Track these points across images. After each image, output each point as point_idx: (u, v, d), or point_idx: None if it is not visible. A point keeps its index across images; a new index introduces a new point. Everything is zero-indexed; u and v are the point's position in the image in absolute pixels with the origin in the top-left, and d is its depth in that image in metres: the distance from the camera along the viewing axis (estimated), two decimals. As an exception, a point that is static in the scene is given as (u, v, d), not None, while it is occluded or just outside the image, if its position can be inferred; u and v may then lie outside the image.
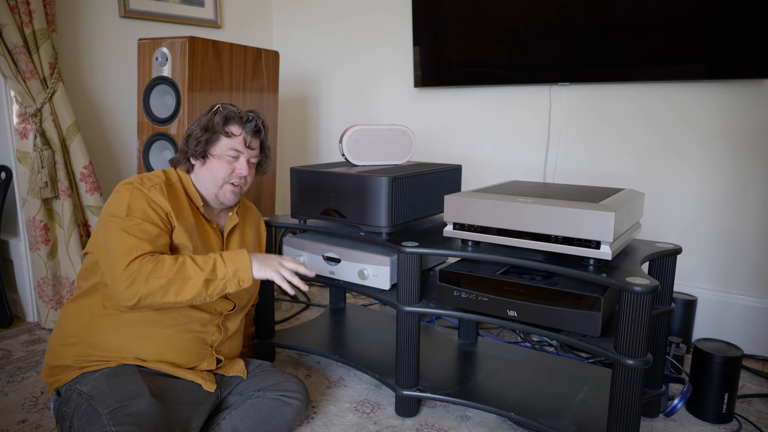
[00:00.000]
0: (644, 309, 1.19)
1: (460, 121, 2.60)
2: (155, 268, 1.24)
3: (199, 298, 1.27)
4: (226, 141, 1.42)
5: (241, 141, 1.43)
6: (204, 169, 1.44)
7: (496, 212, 1.40)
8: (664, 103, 2.10)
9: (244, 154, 1.45)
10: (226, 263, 1.29)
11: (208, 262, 1.29)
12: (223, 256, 1.31)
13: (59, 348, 1.36)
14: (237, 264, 1.30)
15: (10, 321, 2.22)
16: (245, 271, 1.30)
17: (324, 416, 1.60)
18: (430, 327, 2.09)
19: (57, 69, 2.09)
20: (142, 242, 1.26)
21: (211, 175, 1.43)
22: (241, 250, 1.34)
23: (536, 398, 1.54)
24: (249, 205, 1.70)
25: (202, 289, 1.26)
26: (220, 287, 1.28)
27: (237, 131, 1.43)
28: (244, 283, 1.30)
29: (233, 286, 1.29)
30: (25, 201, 2.11)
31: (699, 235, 2.10)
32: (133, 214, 1.29)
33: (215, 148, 1.42)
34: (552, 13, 2.19)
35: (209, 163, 1.43)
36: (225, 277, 1.28)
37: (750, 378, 1.85)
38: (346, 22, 2.90)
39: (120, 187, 1.35)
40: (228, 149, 1.42)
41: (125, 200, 1.31)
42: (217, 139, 1.42)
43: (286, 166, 3.22)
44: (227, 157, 1.43)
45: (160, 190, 1.36)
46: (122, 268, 1.23)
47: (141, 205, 1.31)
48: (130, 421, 1.16)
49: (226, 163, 1.43)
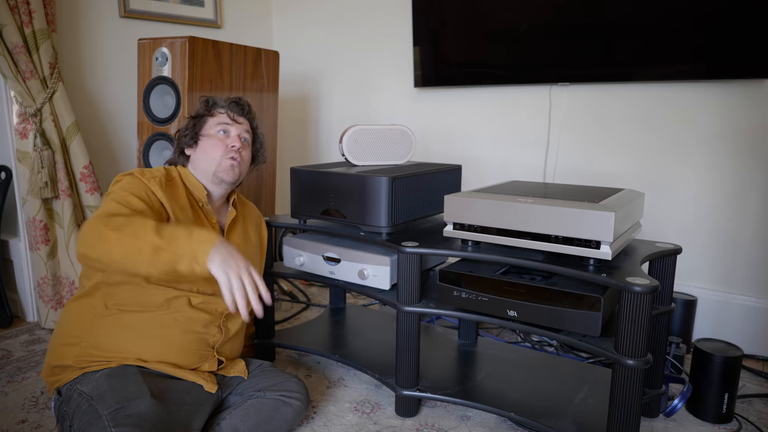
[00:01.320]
0: (644, 309, 1.19)
1: (460, 121, 2.61)
2: (113, 220, 1.16)
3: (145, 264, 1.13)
4: (212, 120, 1.49)
5: (225, 117, 1.49)
6: (198, 152, 1.48)
7: (496, 212, 1.40)
8: (663, 103, 2.10)
9: (233, 128, 1.49)
10: (192, 238, 1.15)
11: (174, 231, 1.16)
12: (194, 231, 1.17)
13: (60, 348, 1.36)
14: (203, 245, 1.14)
15: (10, 321, 2.22)
16: (204, 256, 1.13)
17: (324, 416, 1.60)
18: (430, 327, 2.09)
19: (57, 69, 2.09)
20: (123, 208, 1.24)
21: (206, 155, 1.47)
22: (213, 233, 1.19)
23: (536, 398, 1.54)
24: (248, 203, 1.70)
25: (151, 255, 1.12)
26: (171, 261, 1.13)
27: (221, 110, 1.50)
28: (199, 267, 1.13)
29: (185, 265, 1.13)
30: (25, 201, 2.11)
31: (699, 235, 2.10)
32: (123, 188, 1.32)
33: (204, 128, 1.49)
34: (552, 13, 2.19)
35: (202, 145, 1.48)
36: (182, 253, 1.13)
37: (750, 378, 1.85)
38: (346, 22, 2.90)
39: (118, 177, 1.39)
40: (216, 126, 1.48)
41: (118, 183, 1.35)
42: (204, 121, 1.49)
43: (286, 166, 3.22)
44: (218, 135, 1.48)
45: (158, 183, 1.38)
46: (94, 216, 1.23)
47: (134, 185, 1.34)
48: (130, 422, 1.16)
49: (218, 141, 1.47)
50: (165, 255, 1.14)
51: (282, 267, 1.89)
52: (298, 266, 1.82)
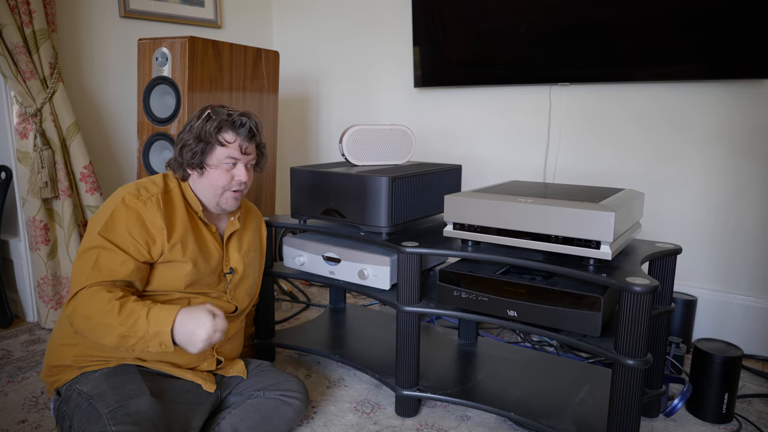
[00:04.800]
0: (644, 309, 1.19)
1: (460, 121, 2.61)
2: (87, 306, 1.21)
3: (121, 350, 1.25)
4: (221, 150, 1.37)
5: (236, 148, 1.38)
6: (203, 180, 1.40)
7: (496, 212, 1.40)
8: (664, 103, 2.10)
9: (241, 161, 1.40)
10: (149, 321, 1.18)
11: (131, 315, 1.19)
12: (150, 313, 1.20)
13: (59, 348, 1.36)
14: (159, 326, 1.18)
15: (10, 321, 2.22)
16: (165, 336, 1.18)
17: (324, 416, 1.60)
18: (430, 327, 2.09)
19: (57, 69, 2.09)
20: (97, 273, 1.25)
21: (210, 184, 1.39)
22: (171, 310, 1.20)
23: (536, 398, 1.54)
24: (250, 206, 1.68)
25: (120, 341, 1.19)
26: (140, 345, 1.19)
27: (231, 138, 1.37)
28: (167, 347, 1.19)
29: (154, 346, 1.19)
30: (25, 201, 2.11)
31: (699, 235, 2.10)
32: (107, 235, 1.28)
33: (211, 158, 1.37)
34: (552, 12, 2.19)
35: (207, 174, 1.39)
36: (145, 335, 1.18)
37: (750, 378, 1.85)
38: (347, 22, 2.90)
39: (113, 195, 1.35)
40: (225, 158, 1.37)
41: (105, 216, 1.30)
42: (212, 149, 1.36)
43: (286, 166, 3.22)
44: (225, 165, 1.38)
45: (156, 203, 1.33)
46: (72, 293, 1.25)
47: (119, 227, 1.29)
48: (130, 421, 1.16)
49: (224, 172, 1.38)
50: (132, 340, 1.20)
51: (282, 267, 1.89)
52: (298, 266, 1.82)
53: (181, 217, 1.39)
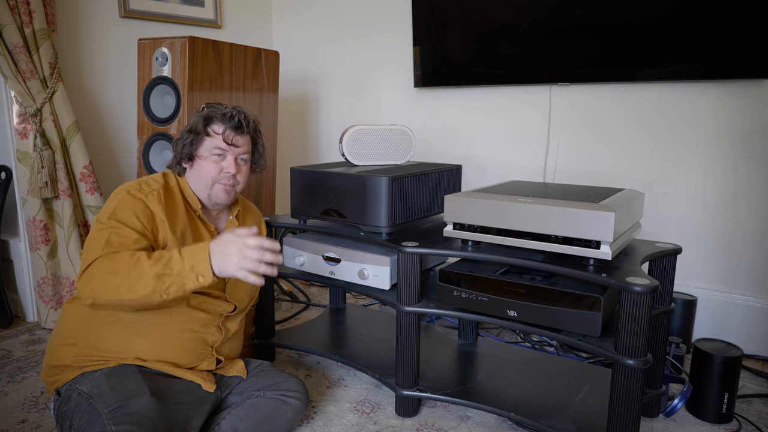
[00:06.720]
0: (644, 309, 1.19)
1: (460, 121, 2.61)
2: (109, 264, 1.19)
3: (155, 295, 1.18)
4: (209, 141, 1.40)
5: (223, 139, 1.40)
6: (194, 171, 1.43)
7: (496, 212, 1.40)
8: (664, 103, 2.10)
9: (230, 153, 1.41)
10: (183, 257, 1.19)
11: (163, 256, 1.20)
12: (182, 250, 1.21)
13: (59, 348, 1.36)
14: (195, 258, 1.19)
15: (10, 321, 2.22)
16: (203, 265, 1.18)
17: (324, 416, 1.60)
18: (430, 327, 2.09)
19: (57, 69, 2.09)
20: (110, 247, 1.24)
21: (200, 176, 1.41)
22: (203, 243, 1.22)
23: (536, 398, 1.54)
24: (250, 206, 1.69)
25: (156, 284, 1.17)
26: (177, 283, 1.18)
27: (219, 129, 1.39)
28: (205, 279, 1.18)
29: (192, 281, 1.18)
30: (25, 201, 2.11)
31: (699, 235, 2.10)
32: (115, 218, 1.28)
33: (200, 149, 1.40)
34: (552, 12, 2.19)
35: (197, 165, 1.41)
36: (181, 272, 1.18)
37: (750, 378, 1.85)
38: (347, 22, 2.90)
39: (116, 191, 1.35)
40: (212, 149, 1.39)
41: (113, 205, 1.31)
42: (201, 140, 1.40)
43: (286, 166, 3.22)
44: (213, 156, 1.40)
45: (157, 197, 1.35)
46: (83, 268, 1.23)
47: (126, 211, 1.30)
48: (130, 421, 1.16)
49: (213, 163, 1.40)
50: (169, 279, 1.18)
51: (282, 267, 1.89)
52: (298, 266, 1.82)
53: (181, 215, 1.40)
